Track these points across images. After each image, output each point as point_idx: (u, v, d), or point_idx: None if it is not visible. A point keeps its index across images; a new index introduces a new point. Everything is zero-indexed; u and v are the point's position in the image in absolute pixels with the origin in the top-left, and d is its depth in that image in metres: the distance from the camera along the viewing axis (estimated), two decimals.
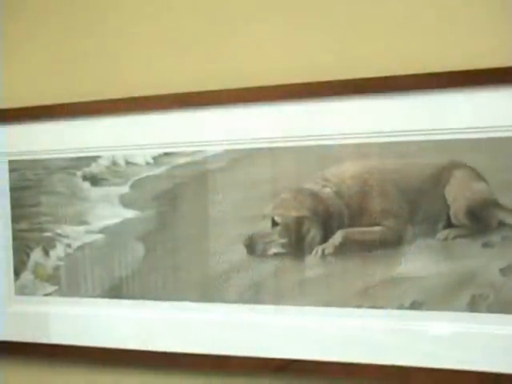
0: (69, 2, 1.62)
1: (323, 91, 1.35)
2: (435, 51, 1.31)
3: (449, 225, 1.30)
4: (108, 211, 1.57)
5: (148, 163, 1.52)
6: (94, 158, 1.57)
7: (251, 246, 1.43)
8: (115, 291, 1.57)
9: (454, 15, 1.30)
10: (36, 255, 1.65)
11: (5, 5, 1.68)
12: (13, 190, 1.66)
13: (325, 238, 1.38)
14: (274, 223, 1.42)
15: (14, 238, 1.67)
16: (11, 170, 1.66)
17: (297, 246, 1.40)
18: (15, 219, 1.66)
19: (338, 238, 1.37)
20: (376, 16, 1.35)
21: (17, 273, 1.67)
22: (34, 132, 1.62)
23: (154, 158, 1.51)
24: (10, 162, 1.66)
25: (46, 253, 1.64)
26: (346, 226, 1.37)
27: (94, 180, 1.58)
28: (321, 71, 1.36)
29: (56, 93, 1.60)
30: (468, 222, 1.29)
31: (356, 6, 1.36)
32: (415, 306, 1.32)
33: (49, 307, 1.64)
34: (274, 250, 1.42)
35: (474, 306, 1.29)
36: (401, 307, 1.33)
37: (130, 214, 1.55)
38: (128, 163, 1.54)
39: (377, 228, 1.34)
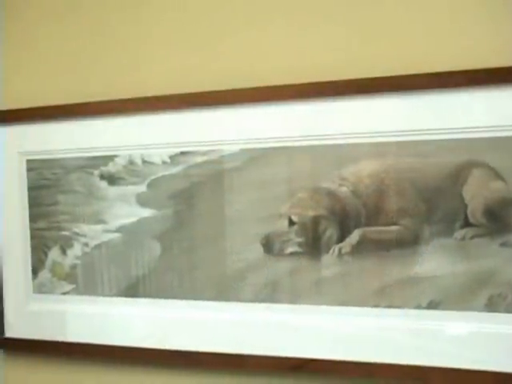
0: (81, 2, 1.62)
1: (340, 90, 1.35)
2: (450, 49, 1.31)
3: (466, 224, 1.30)
4: (125, 210, 1.57)
5: (165, 162, 1.52)
6: (111, 158, 1.58)
7: (268, 245, 1.43)
8: (132, 290, 1.58)
9: (468, 12, 1.30)
10: (54, 254, 1.66)
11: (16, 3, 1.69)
12: (30, 189, 1.67)
13: (341, 238, 1.38)
14: (291, 222, 1.42)
15: (32, 237, 1.67)
16: (29, 170, 1.67)
17: (313, 245, 1.40)
18: (33, 218, 1.67)
19: (354, 237, 1.37)
20: (396, 12, 1.35)
21: (35, 271, 1.68)
22: (51, 131, 1.63)
23: (171, 158, 1.51)
24: (28, 161, 1.67)
25: (64, 251, 1.65)
26: (363, 226, 1.36)
27: (111, 179, 1.58)
28: (337, 70, 1.36)
29: (73, 92, 1.61)
30: (486, 222, 1.28)
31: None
32: (432, 305, 1.32)
33: (66, 306, 1.65)
34: (290, 249, 1.42)
35: (491, 306, 1.28)
36: (418, 307, 1.33)
37: (146, 213, 1.55)
38: (145, 162, 1.55)
39: (394, 227, 1.34)
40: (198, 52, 1.50)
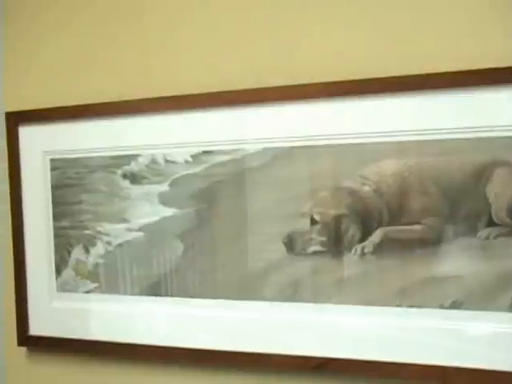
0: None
1: (362, 90, 1.35)
2: (473, 48, 1.29)
3: (490, 223, 1.29)
4: (147, 209, 1.58)
5: (187, 161, 1.53)
6: (134, 157, 1.58)
7: (290, 244, 1.43)
8: (154, 289, 1.58)
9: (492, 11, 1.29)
10: (77, 253, 1.67)
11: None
12: (54, 188, 1.68)
13: (364, 237, 1.37)
14: (313, 221, 1.42)
15: (56, 236, 1.69)
16: (53, 169, 1.68)
17: (336, 244, 1.40)
18: (56, 217, 1.68)
19: (377, 236, 1.36)
20: (421, 11, 1.34)
21: (58, 270, 1.69)
22: (75, 131, 1.65)
23: (193, 157, 1.52)
24: (52, 160, 1.68)
25: (87, 250, 1.66)
26: (386, 225, 1.36)
27: (134, 178, 1.59)
28: (361, 69, 1.35)
29: (97, 92, 1.62)
30: (510, 221, 1.27)
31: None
32: (455, 305, 1.31)
33: (89, 304, 1.66)
34: (312, 248, 1.42)
35: None
36: (441, 307, 1.32)
37: (168, 212, 1.56)
38: (167, 162, 1.55)
39: (417, 226, 1.33)
40: (221, 51, 1.51)
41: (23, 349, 1.77)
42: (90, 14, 1.65)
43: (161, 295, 1.58)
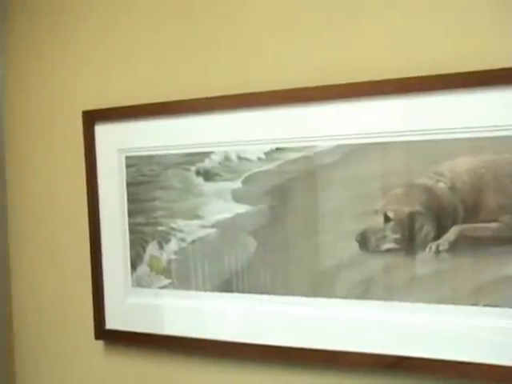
0: None
1: (435, 85, 1.33)
2: None
3: None
4: (220, 206, 1.59)
5: (260, 158, 1.53)
6: (207, 154, 1.60)
7: (363, 241, 1.42)
8: (226, 285, 1.60)
9: None
10: (151, 249, 1.69)
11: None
12: (129, 185, 1.71)
13: (438, 234, 1.36)
14: (387, 219, 1.40)
15: (131, 232, 1.72)
16: (128, 166, 1.71)
17: (410, 242, 1.38)
18: (132, 213, 1.71)
19: (452, 234, 1.34)
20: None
21: (133, 266, 1.72)
22: (149, 129, 1.67)
23: (266, 154, 1.52)
24: (127, 157, 1.71)
25: (161, 246, 1.68)
26: (461, 222, 1.34)
27: (207, 175, 1.60)
28: (435, 65, 1.34)
29: (170, 90, 1.64)
30: None
31: None
32: None
33: (163, 299, 1.68)
34: (386, 245, 1.41)
35: None
36: None
37: (241, 208, 1.57)
38: (240, 159, 1.56)
39: (493, 224, 1.31)
40: (293, 49, 1.51)
41: (100, 342, 1.81)
42: (166, 16, 1.68)
43: (232, 292, 1.59)
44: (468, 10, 1.33)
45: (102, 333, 1.78)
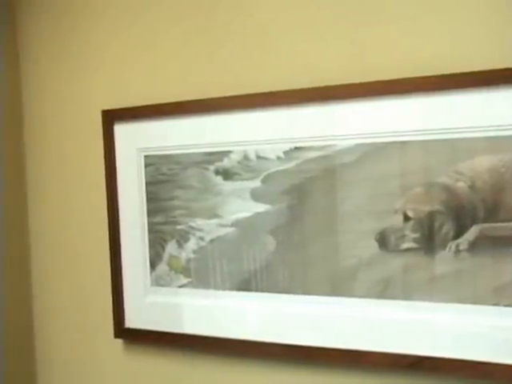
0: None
1: (454, 83, 1.32)
2: None
3: None
4: (239, 205, 1.59)
5: (279, 158, 1.53)
6: (226, 153, 1.60)
7: (383, 240, 1.42)
8: (245, 284, 1.60)
9: None
10: (171, 248, 1.70)
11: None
12: (148, 184, 1.71)
13: (458, 234, 1.35)
14: (407, 218, 1.40)
15: (150, 231, 1.72)
16: (147, 165, 1.72)
17: (429, 241, 1.37)
18: (151, 212, 1.72)
19: (472, 233, 1.33)
20: None
21: (153, 265, 1.73)
22: (168, 128, 1.67)
23: (285, 153, 1.52)
24: (146, 157, 1.71)
25: (180, 245, 1.68)
26: (481, 222, 1.33)
27: (226, 174, 1.60)
28: (456, 63, 1.33)
29: (189, 89, 1.65)
30: None
31: None
32: None
33: (183, 298, 1.69)
34: (406, 244, 1.40)
35: None
36: None
37: (260, 208, 1.57)
38: (259, 158, 1.56)
39: None
40: (313, 48, 1.50)
41: (119, 341, 1.82)
42: (188, 12, 1.68)
43: (251, 291, 1.59)
44: (489, 8, 1.32)
45: (122, 331, 1.79)
